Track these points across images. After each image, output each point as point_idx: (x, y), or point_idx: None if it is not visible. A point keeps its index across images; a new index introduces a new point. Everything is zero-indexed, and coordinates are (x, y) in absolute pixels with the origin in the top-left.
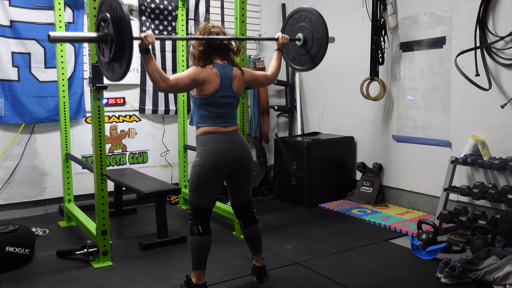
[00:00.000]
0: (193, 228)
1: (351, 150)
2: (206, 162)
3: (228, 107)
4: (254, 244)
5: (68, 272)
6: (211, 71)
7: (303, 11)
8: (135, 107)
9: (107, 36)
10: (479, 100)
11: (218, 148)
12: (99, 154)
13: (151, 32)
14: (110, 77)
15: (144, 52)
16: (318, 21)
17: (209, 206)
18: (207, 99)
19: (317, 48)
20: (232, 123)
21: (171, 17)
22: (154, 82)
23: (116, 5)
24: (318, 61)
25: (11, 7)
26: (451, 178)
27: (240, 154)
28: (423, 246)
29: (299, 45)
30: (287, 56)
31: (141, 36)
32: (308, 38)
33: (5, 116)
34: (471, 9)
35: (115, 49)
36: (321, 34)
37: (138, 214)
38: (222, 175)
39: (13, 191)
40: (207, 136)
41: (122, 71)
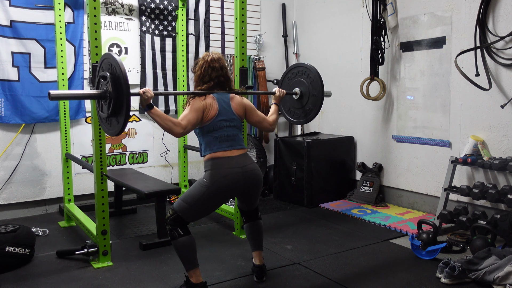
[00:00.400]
0: (173, 232)
1: (351, 150)
2: (212, 186)
3: (231, 130)
4: (255, 238)
5: (68, 272)
6: (208, 97)
7: (301, 67)
8: (135, 107)
9: (106, 93)
10: (479, 100)
11: (227, 173)
12: (99, 154)
13: (148, 88)
14: (108, 131)
15: (148, 108)
16: (315, 78)
17: (192, 220)
18: (210, 125)
19: (312, 104)
20: (238, 146)
21: (171, 17)
22: (169, 131)
23: (115, 65)
24: (311, 118)
25: (11, 7)
26: (451, 178)
27: (248, 179)
28: (423, 246)
29: (296, 99)
30: (284, 108)
31: (139, 92)
32: (305, 94)
33: (5, 116)
34: (471, 9)
35: (113, 105)
36: (317, 92)
37: (138, 214)
38: (224, 200)
39: (13, 191)
40: (214, 161)
41: (120, 126)
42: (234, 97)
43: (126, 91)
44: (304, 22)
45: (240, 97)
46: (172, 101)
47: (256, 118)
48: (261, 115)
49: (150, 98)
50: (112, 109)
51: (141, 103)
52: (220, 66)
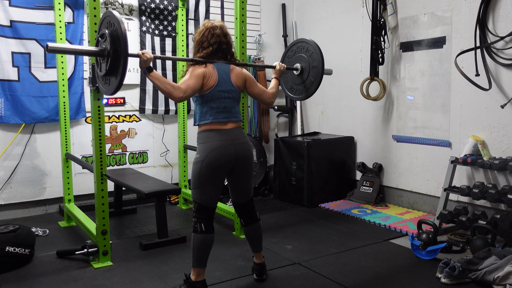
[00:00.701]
0: (196, 226)
1: (351, 150)
2: (205, 159)
3: (229, 101)
4: (254, 242)
5: (68, 272)
6: (209, 66)
7: (301, 42)
8: (135, 107)
9: (104, 51)
10: (479, 100)
11: (218, 145)
12: (99, 154)
13: (147, 50)
14: (105, 90)
15: (147, 71)
16: (315, 50)
17: (211, 204)
18: (208, 95)
19: (313, 76)
20: (234, 118)
21: (171, 17)
22: (169, 94)
23: (115, 22)
24: (311, 93)
25: (11, 7)
26: (451, 178)
27: (240, 151)
28: (423, 246)
29: (297, 75)
30: (286, 86)
31: (138, 53)
32: (305, 68)
33: (5, 116)
34: (471, 9)
35: (111, 63)
36: (317, 63)
37: (138, 214)
38: (221, 172)
39: (13, 191)
40: (207, 133)
41: (116, 84)
42: (234, 68)
43: (124, 51)
44: (304, 22)
45: (240, 68)
46: (172, 101)
47: (256, 90)
48: (261, 87)
49: (149, 60)
50: (109, 67)
51: (140, 66)
52: (221, 33)
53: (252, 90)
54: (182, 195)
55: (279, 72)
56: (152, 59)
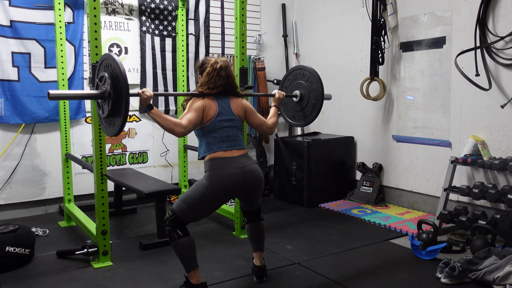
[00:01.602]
0: (172, 234)
1: (351, 150)
2: (211, 187)
3: (232, 130)
4: (256, 239)
5: (68, 272)
6: (208, 98)
7: (298, 70)
8: (135, 107)
9: (105, 94)
10: (479, 100)
11: (226, 174)
12: (99, 154)
13: (147, 88)
14: (109, 132)
15: (148, 108)
16: (312, 74)
17: (192, 221)
18: (210, 126)
19: (314, 99)
20: (239, 146)
21: (171, 17)
22: (170, 131)
23: (114, 65)
24: (310, 120)
25: (11, 7)
26: (451, 178)
27: (247, 179)
28: (423, 246)
29: (296, 102)
30: (287, 115)
31: (138, 93)
32: (304, 96)
33: (5, 116)
34: (471, 9)
35: (112, 106)
36: (315, 85)
37: (138, 214)
38: (224, 200)
39: (13, 191)
40: (214, 161)
41: (118, 127)
42: (233, 98)
43: (125, 92)
44: (304, 22)
45: (239, 98)
46: (172, 101)
47: (256, 121)
48: (261, 118)
49: (149, 98)
50: (111, 109)
51: (140, 104)
52: (226, 75)
53: (252, 121)
54: None
55: (278, 100)
56: (152, 97)
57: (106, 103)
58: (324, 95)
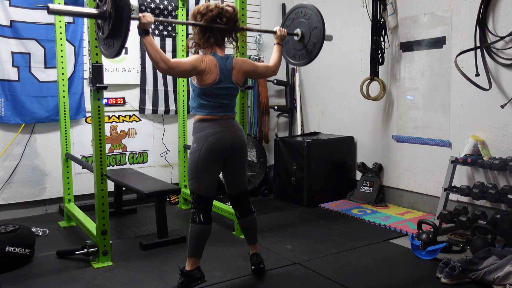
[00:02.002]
0: (195, 216)
1: (351, 150)
2: (203, 146)
3: (227, 98)
4: (250, 233)
5: (68, 272)
6: (211, 62)
7: (299, 8)
8: (135, 107)
9: (105, 13)
10: (479, 100)
11: (214, 132)
12: (99, 154)
13: (148, 13)
14: (107, 53)
15: (144, 33)
16: (313, 12)
17: (209, 193)
18: (206, 90)
19: (315, 37)
20: (229, 112)
21: (171, 17)
22: (155, 62)
23: None
24: (314, 55)
25: (11, 7)
26: (451, 178)
27: (235, 139)
28: (423, 246)
29: (297, 40)
30: (288, 55)
31: (139, 16)
32: (306, 33)
33: (5, 116)
34: (471, 9)
35: (112, 26)
36: (317, 23)
37: (138, 214)
38: (218, 159)
39: (13, 191)
40: (203, 123)
41: (118, 47)
42: (237, 63)
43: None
44: None
45: (241, 62)
46: (172, 101)
47: (260, 70)
48: (262, 65)
49: (148, 24)
50: (111, 30)
51: (138, 27)
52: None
53: (255, 75)
54: (182, 195)
55: (280, 37)
56: (152, 23)
57: (106, 23)
58: (325, 34)
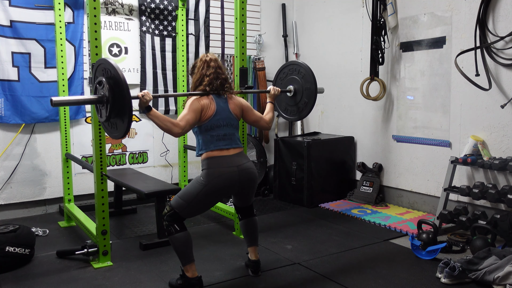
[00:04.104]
0: (170, 228)
1: (351, 150)
2: (208, 184)
3: (228, 129)
4: (250, 234)
5: (68, 272)
6: (206, 99)
7: (293, 65)
8: (135, 107)
9: (103, 98)
10: (479, 100)
11: (222, 172)
12: (99, 154)
13: (147, 91)
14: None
15: (147, 110)
16: (306, 72)
17: (188, 217)
18: (208, 124)
19: (307, 97)
20: (235, 145)
21: (171, 17)
22: (169, 131)
23: (112, 70)
24: (304, 115)
25: (11, 7)
26: (451, 178)
27: (243, 177)
28: (423, 246)
29: (290, 96)
30: (280, 108)
31: (138, 96)
32: (298, 90)
33: (5, 116)
34: (471, 9)
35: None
36: (309, 84)
37: (138, 214)
38: (221, 197)
39: (13, 191)
40: (210, 160)
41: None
42: (232, 97)
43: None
44: (304, 22)
45: (237, 97)
46: (172, 101)
47: (253, 117)
48: (258, 114)
49: (149, 101)
50: (109, 113)
51: (139, 106)
52: (216, 66)
53: (249, 118)
54: None
55: (273, 96)
56: (151, 100)
57: (104, 108)
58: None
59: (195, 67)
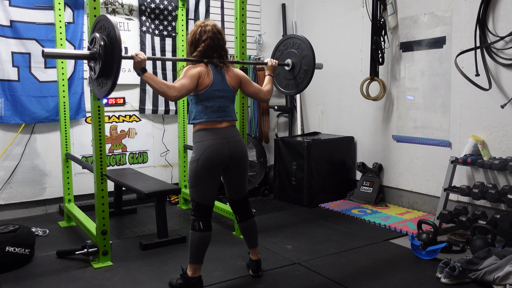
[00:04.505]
0: (195, 224)
1: (351, 150)
2: (200, 157)
3: (224, 101)
4: (250, 237)
5: (68, 272)
6: (204, 68)
7: (288, 39)
8: (135, 107)
9: (95, 54)
10: (479, 100)
11: (212, 143)
12: (99, 154)
13: (141, 52)
14: (99, 92)
15: (141, 71)
16: (302, 41)
17: (209, 202)
18: (203, 94)
19: (305, 64)
20: (228, 117)
21: (171, 17)
22: (163, 94)
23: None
24: (302, 88)
25: (11, 7)
26: (451, 178)
27: (233, 149)
28: (423, 246)
29: (288, 70)
30: (280, 85)
31: (132, 55)
32: (296, 63)
33: (5, 116)
34: (471, 9)
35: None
36: (306, 51)
37: (138, 214)
38: (216, 170)
39: (13, 191)
40: (201, 132)
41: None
42: (229, 68)
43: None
44: (304, 22)
45: (235, 69)
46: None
47: (252, 89)
48: (257, 86)
49: (143, 61)
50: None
51: (134, 67)
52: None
53: (247, 90)
54: (182, 195)
55: (272, 68)
56: (145, 60)
57: (97, 64)
58: (315, 62)
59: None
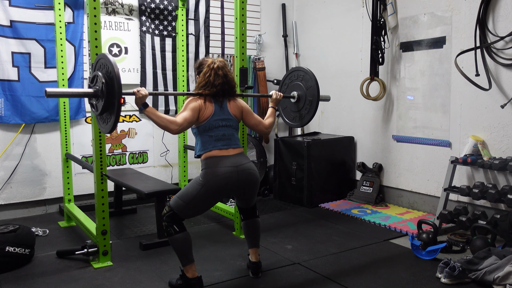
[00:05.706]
0: (169, 229)
1: (351, 150)
2: (206, 184)
3: (227, 129)
4: (252, 235)
5: (68, 272)
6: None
7: (293, 72)
8: (135, 107)
9: (98, 92)
10: (479, 100)
11: (220, 172)
12: (99, 154)
13: (143, 87)
14: (104, 129)
15: (143, 107)
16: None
17: (188, 217)
18: (206, 125)
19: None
20: (234, 145)
21: (171, 17)
22: (166, 128)
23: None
24: (305, 122)
25: (11, 7)
26: (451, 178)
27: (242, 178)
28: (423, 246)
29: (294, 102)
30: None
31: (133, 91)
32: (301, 97)
33: (5, 116)
34: (471, 9)
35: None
36: (311, 82)
37: (138, 214)
38: (220, 197)
39: (13, 191)
40: (210, 160)
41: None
42: (231, 99)
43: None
44: (304, 22)
45: (237, 99)
46: (172, 101)
47: (253, 121)
48: (258, 118)
49: (144, 97)
50: (103, 107)
51: (136, 103)
52: (223, 74)
53: (248, 121)
54: None
55: (276, 101)
56: (147, 96)
57: (99, 101)
58: (319, 94)
59: (201, 69)
